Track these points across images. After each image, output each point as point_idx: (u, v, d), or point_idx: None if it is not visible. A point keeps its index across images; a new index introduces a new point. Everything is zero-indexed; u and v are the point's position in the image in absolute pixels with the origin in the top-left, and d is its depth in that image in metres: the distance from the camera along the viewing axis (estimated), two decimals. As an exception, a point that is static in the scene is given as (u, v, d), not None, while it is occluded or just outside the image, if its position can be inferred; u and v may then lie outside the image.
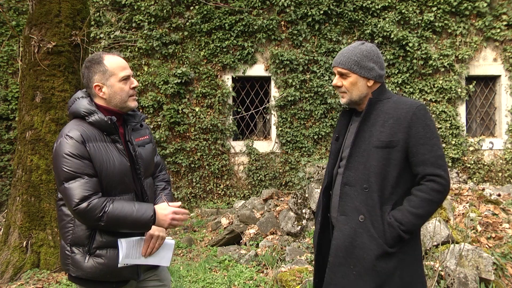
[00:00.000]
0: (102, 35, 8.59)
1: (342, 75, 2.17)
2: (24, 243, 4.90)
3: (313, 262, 2.33)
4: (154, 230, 2.16)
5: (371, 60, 2.13)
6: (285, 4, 8.86)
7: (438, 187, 1.98)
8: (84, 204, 1.95)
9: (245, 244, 5.99)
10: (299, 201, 5.96)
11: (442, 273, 3.94)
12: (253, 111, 9.23)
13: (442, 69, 9.18)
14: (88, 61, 2.17)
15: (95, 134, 2.10)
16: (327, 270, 2.12)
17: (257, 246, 5.82)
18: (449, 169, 8.32)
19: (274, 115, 9.09)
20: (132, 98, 2.21)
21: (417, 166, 2.02)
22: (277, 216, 6.33)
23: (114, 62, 2.16)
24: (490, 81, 9.67)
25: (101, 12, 8.63)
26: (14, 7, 8.43)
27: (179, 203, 2.20)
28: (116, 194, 2.11)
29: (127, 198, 2.15)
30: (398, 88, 9.16)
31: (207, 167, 8.83)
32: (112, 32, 8.63)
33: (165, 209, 2.11)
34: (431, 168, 1.99)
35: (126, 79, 2.18)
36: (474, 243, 4.58)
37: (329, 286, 2.09)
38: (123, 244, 2.07)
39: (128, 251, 2.07)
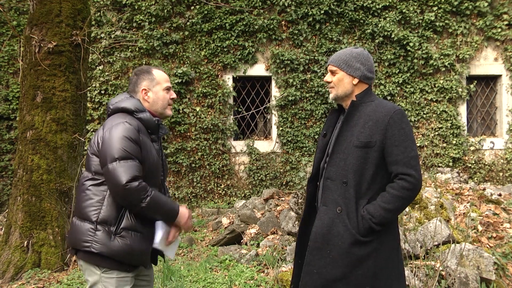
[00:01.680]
0: (102, 35, 8.60)
1: (332, 72, 2.42)
2: (25, 242, 4.91)
3: (295, 244, 2.58)
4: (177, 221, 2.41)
5: (358, 61, 2.37)
6: (286, 4, 8.86)
7: (408, 185, 2.19)
8: (135, 183, 2.16)
9: (246, 244, 5.99)
10: (299, 200, 5.96)
11: (443, 273, 3.94)
12: (253, 111, 9.23)
13: (443, 69, 9.17)
14: (138, 70, 2.52)
15: (143, 129, 2.36)
16: (307, 253, 2.35)
17: (258, 245, 5.82)
18: (449, 169, 8.32)
19: (274, 114, 9.09)
20: (170, 107, 2.56)
21: (391, 165, 2.23)
22: (278, 215, 6.33)
23: (160, 74, 2.52)
24: (491, 80, 9.66)
25: (101, 12, 8.64)
26: (15, 7, 8.43)
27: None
28: (149, 185, 2.28)
29: None
30: (399, 88, 9.16)
31: (207, 166, 8.83)
32: (113, 32, 8.63)
33: (185, 210, 2.42)
34: (403, 167, 2.20)
35: (168, 89, 2.53)
36: (475, 243, 4.57)
37: (308, 266, 2.32)
38: (164, 227, 2.33)
39: (164, 235, 2.33)
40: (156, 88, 2.47)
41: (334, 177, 2.30)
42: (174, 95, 2.56)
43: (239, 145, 9.02)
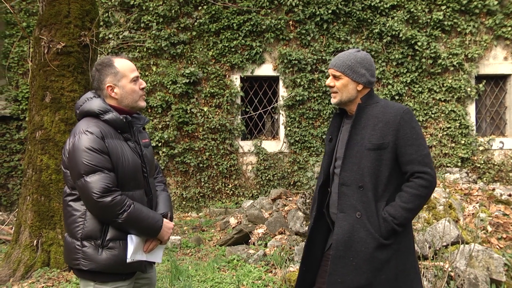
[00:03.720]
0: (110, 36, 8.64)
1: (335, 77, 2.36)
2: (35, 242, 4.95)
3: (303, 251, 2.53)
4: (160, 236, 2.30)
5: (363, 67, 2.33)
6: (293, 4, 8.85)
7: (425, 183, 2.19)
8: (109, 198, 2.05)
9: (254, 244, 6.00)
10: (307, 200, 5.95)
11: (452, 273, 3.91)
12: (261, 111, 9.23)
13: (451, 68, 9.12)
14: (99, 64, 2.28)
15: (110, 131, 2.19)
16: (330, 262, 2.29)
17: (266, 245, 5.82)
18: (458, 169, 8.26)
19: (282, 114, 9.08)
20: (142, 98, 2.35)
21: (406, 165, 2.23)
22: (286, 216, 6.33)
23: (124, 64, 2.28)
24: (500, 80, 9.58)
25: (109, 12, 8.68)
26: (25, 9, 8.51)
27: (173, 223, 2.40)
28: (129, 189, 2.21)
29: (139, 194, 2.26)
30: (407, 88, 9.11)
31: (215, 166, 8.84)
32: (121, 33, 8.67)
33: (168, 224, 2.31)
34: (418, 166, 2.20)
35: (135, 80, 2.30)
36: (484, 244, 4.54)
37: (332, 276, 2.27)
38: (134, 239, 2.18)
39: (136, 247, 2.20)
40: (122, 82, 2.26)
41: (349, 182, 2.27)
42: (143, 84, 2.34)
43: (246, 145, 9.03)
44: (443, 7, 9.09)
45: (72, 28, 5.17)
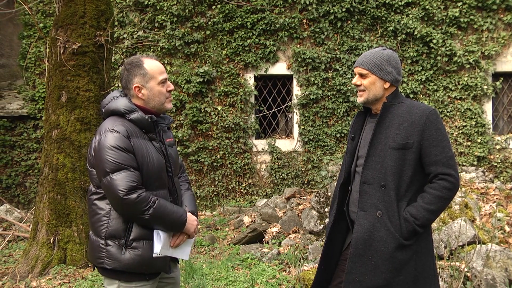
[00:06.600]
0: (125, 35, 8.71)
1: (362, 76, 2.34)
2: (51, 239, 5.02)
3: (322, 249, 2.52)
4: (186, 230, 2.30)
5: (390, 65, 2.32)
6: (307, 2, 8.81)
7: (449, 185, 2.18)
8: (134, 196, 2.05)
9: (268, 243, 6.00)
10: (321, 199, 5.93)
11: (468, 274, 3.86)
12: (275, 110, 9.22)
13: (467, 66, 8.99)
14: (128, 63, 2.27)
15: (136, 131, 2.19)
16: (348, 261, 2.28)
17: (280, 244, 5.82)
18: (474, 168, 8.15)
19: (296, 113, 9.06)
20: (169, 100, 2.36)
21: (430, 166, 2.21)
22: (300, 214, 6.31)
23: (153, 66, 2.28)
24: (518, 77, 9.42)
25: (124, 12, 8.75)
26: (42, 10, 8.62)
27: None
28: (154, 189, 2.20)
29: (163, 194, 2.26)
30: (421, 86, 9.01)
31: (229, 165, 8.86)
32: (135, 32, 8.74)
33: (192, 217, 2.32)
34: (442, 167, 2.19)
35: (164, 82, 2.30)
36: (502, 244, 4.47)
37: (350, 275, 2.27)
38: (161, 235, 2.18)
39: (164, 242, 2.19)
40: (150, 83, 2.25)
41: (371, 181, 2.26)
42: (171, 87, 2.36)
43: (260, 144, 9.03)
44: (459, 4, 8.96)
45: (87, 28, 5.23)
